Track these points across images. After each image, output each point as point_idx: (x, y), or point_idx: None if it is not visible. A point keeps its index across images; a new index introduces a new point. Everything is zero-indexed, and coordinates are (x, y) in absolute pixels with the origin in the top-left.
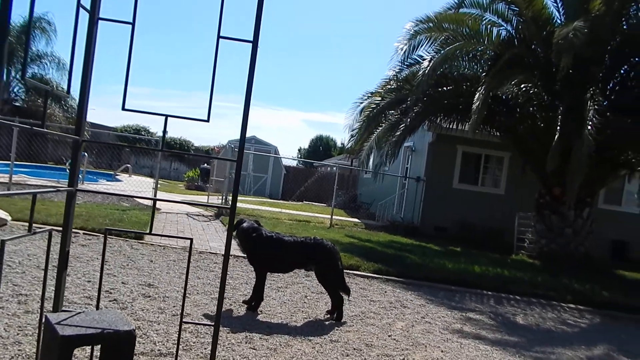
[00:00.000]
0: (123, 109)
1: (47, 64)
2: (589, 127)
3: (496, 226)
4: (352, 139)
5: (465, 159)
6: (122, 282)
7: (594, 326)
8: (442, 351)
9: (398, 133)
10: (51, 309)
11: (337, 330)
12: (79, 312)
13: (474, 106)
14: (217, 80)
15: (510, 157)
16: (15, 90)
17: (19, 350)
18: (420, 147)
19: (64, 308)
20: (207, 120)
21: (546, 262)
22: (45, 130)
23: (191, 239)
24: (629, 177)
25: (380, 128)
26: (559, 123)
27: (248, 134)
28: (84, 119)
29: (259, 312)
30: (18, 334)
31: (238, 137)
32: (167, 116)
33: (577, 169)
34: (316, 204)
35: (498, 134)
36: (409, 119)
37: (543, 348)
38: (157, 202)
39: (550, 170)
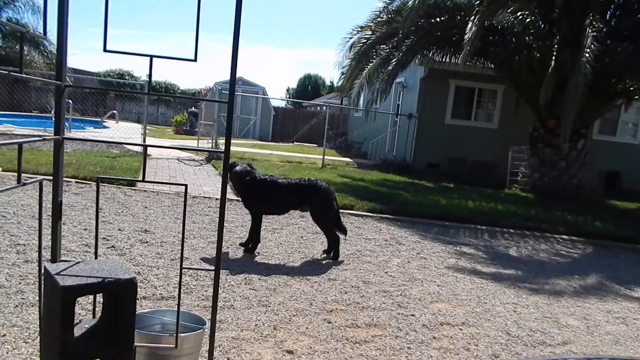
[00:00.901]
0: (105, 50)
1: (21, 8)
2: (587, 56)
3: (489, 161)
4: (342, 77)
5: (458, 93)
6: (119, 229)
7: (587, 256)
8: (438, 285)
9: (389, 68)
10: (49, 259)
11: (334, 269)
12: (78, 262)
13: (467, 36)
14: (200, 17)
15: (504, 90)
16: None
17: (22, 299)
18: (412, 83)
19: (62, 258)
20: (195, 60)
21: (539, 195)
22: (24, 75)
23: (186, 185)
24: (626, 107)
25: (371, 64)
26: (554, 52)
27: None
28: (64, 63)
29: (257, 254)
30: (20, 283)
31: (225, 78)
32: (152, 57)
33: (573, 100)
34: (307, 144)
35: (492, 66)
36: (400, 53)
37: (537, 279)
38: (148, 148)
39: (544, 103)
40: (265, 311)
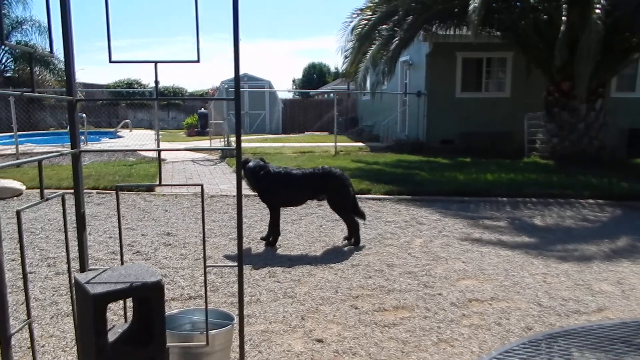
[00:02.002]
0: (110, 61)
1: (28, 30)
2: (597, 12)
3: (505, 131)
4: (346, 61)
5: (465, 65)
6: (142, 234)
7: (616, 218)
8: (463, 262)
9: (393, 47)
10: (79, 269)
11: (356, 254)
12: (106, 269)
13: (471, 7)
14: (200, 19)
15: (513, 57)
16: (3, 61)
17: (57, 309)
18: (418, 60)
19: (90, 267)
20: (198, 61)
21: (560, 160)
22: (36, 94)
23: (202, 185)
24: None
25: (374, 45)
26: (564, 12)
27: (240, 72)
28: (74, 78)
29: (278, 247)
30: (53, 295)
31: (230, 76)
32: (156, 62)
33: (586, 59)
34: (318, 133)
35: (498, 33)
36: (402, 31)
37: (565, 246)
38: (162, 152)
39: (557, 65)
40: (292, 302)
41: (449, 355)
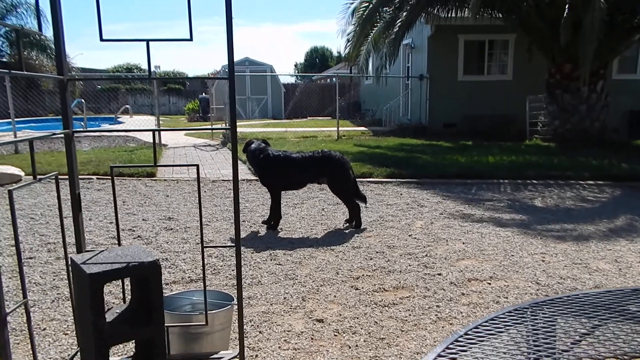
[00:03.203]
0: (101, 39)
1: (24, 14)
2: None
3: (507, 114)
4: (348, 45)
5: (468, 48)
6: (143, 219)
7: (615, 199)
8: (463, 243)
9: (395, 30)
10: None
11: (357, 237)
12: (102, 251)
13: None
14: (200, 2)
15: (516, 39)
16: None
17: (57, 294)
18: (420, 43)
19: (89, 249)
20: (191, 39)
21: (561, 143)
22: (25, 73)
23: (197, 165)
24: None
25: (375, 28)
26: None
27: (241, 56)
28: (64, 57)
29: (280, 230)
30: (54, 280)
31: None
32: (148, 40)
33: (589, 39)
34: (321, 118)
35: (500, 15)
36: (404, 14)
37: (564, 226)
38: (163, 138)
39: (562, 44)
40: (293, 284)
41: (447, 333)
